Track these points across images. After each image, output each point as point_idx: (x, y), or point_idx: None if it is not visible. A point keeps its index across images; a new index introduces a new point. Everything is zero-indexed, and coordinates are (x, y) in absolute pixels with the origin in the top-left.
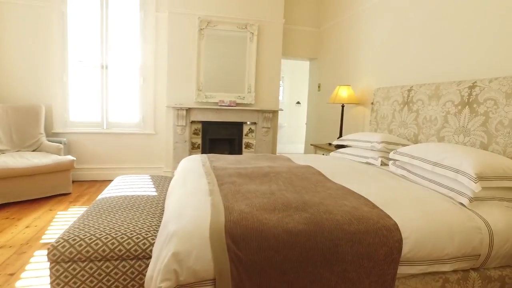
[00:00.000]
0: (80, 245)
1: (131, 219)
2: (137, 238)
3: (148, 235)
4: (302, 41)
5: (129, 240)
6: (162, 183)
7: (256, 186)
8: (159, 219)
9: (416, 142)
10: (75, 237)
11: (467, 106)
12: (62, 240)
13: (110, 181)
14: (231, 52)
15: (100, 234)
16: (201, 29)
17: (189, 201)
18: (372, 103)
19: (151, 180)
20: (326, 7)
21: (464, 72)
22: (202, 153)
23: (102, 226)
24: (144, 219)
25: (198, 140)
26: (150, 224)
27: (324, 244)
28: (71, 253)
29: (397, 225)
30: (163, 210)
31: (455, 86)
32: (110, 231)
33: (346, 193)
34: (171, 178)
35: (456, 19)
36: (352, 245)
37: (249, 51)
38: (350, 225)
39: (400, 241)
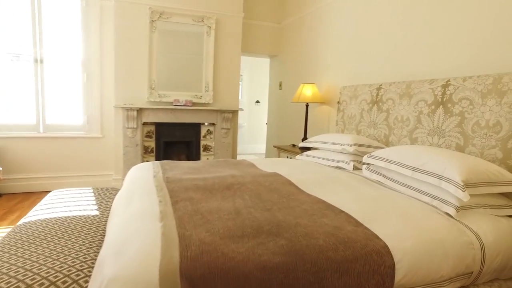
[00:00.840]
0: None
1: (59, 252)
2: (64, 282)
3: (79, 277)
4: (262, 37)
5: (52, 287)
6: (106, 197)
7: (218, 202)
8: (98, 249)
9: (387, 143)
10: None
11: (441, 106)
12: None
13: (50, 192)
14: (186, 47)
15: (7, 282)
16: (152, 20)
17: (133, 229)
18: (338, 102)
19: (93, 194)
20: (288, 1)
21: (437, 70)
22: (156, 158)
23: (15, 267)
24: (77, 251)
25: (152, 144)
26: (85, 259)
27: (307, 279)
28: None
29: (387, 247)
30: (104, 236)
31: (428, 85)
32: (25, 274)
33: (324, 208)
34: (118, 190)
35: (427, 15)
36: (340, 277)
37: (206, 46)
38: (335, 251)
39: (392, 266)
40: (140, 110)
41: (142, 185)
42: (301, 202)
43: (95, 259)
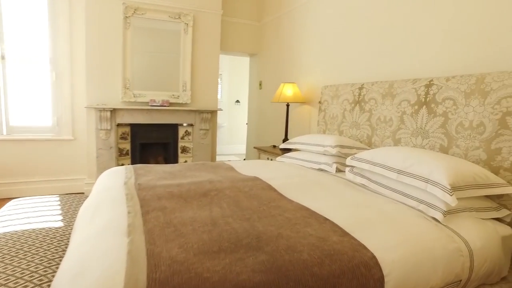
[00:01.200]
0: None
1: (9, 274)
2: None
3: None
4: (241, 35)
5: None
6: (74, 205)
7: (193, 212)
8: (57, 268)
9: (370, 144)
10: None
11: (424, 106)
12: None
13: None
14: (163, 45)
15: None
16: (126, 16)
17: (95, 247)
18: (319, 102)
19: (59, 202)
20: None
21: (419, 70)
22: (132, 160)
23: None
24: (32, 272)
25: (127, 146)
26: (40, 281)
27: None
28: None
29: (375, 258)
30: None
31: (410, 85)
32: None
33: (307, 216)
34: (86, 198)
35: (408, 14)
36: None
37: (183, 44)
38: (321, 266)
39: (381, 279)
40: (114, 111)
41: (111, 194)
42: (283, 210)
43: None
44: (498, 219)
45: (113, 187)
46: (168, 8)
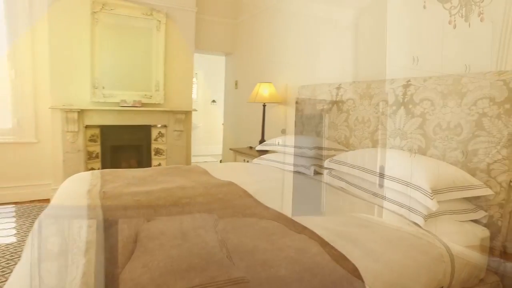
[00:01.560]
0: None
1: None
2: None
3: None
4: (217, 33)
5: None
6: (31, 217)
7: (162, 224)
8: None
9: (348, 145)
10: None
11: (402, 107)
12: None
13: None
14: (134, 43)
15: None
16: (94, 12)
17: (46, 270)
18: (297, 102)
19: (14, 214)
20: None
21: (398, 70)
22: (102, 164)
23: None
24: None
25: (97, 149)
26: None
27: None
28: None
29: (358, 271)
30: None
31: (388, 85)
32: None
33: (285, 224)
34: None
35: (386, 14)
36: None
37: (156, 42)
38: (300, 282)
39: None
40: (81, 112)
41: (71, 204)
42: (258, 218)
43: None
44: (475, 221)
45: (75, 196)
46: (139, 4)
